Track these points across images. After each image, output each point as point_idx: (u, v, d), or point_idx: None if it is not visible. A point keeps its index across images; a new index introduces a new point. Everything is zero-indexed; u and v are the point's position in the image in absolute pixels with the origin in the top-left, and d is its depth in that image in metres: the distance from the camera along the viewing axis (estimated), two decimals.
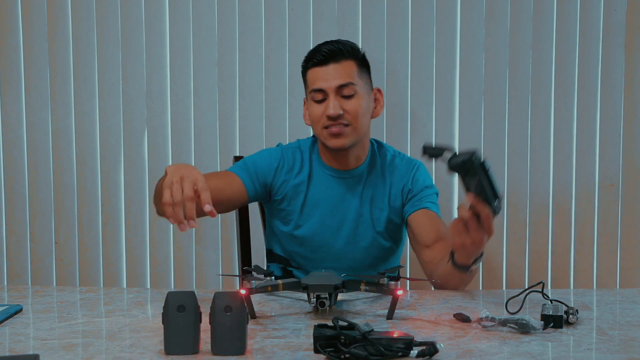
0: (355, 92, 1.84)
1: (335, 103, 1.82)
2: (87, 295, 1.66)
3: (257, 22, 2.53)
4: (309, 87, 1.88)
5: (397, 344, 1.15)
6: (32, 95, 2.60)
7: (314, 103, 1.86)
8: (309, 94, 1.88)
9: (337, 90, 1.83)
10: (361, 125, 1.86)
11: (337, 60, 1.84)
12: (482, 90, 2.53)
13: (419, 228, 1.87)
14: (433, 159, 1.56)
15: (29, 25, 2.57)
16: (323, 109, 1.84)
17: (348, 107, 1.83)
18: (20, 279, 2.64)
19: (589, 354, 1.20)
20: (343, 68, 1.84)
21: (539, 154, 2.55)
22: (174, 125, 2.58)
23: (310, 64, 1.86)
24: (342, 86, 1.83)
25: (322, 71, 1.84)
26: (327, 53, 1.84)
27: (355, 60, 1.87)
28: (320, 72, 1.84)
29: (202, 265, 2.59)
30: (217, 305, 1.18)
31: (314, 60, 1.85)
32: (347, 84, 1.83)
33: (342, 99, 1.83)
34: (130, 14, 2.55)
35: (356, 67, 1.86)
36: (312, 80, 1.86)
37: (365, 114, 1.87)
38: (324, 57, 1.84)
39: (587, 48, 2.51)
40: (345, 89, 1.83)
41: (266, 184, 1.93)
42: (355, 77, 1.85)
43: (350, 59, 1.85)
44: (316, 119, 1.86)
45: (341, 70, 1.84)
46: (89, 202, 2.61)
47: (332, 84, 1.83)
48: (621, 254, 2.57)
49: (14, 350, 1.22)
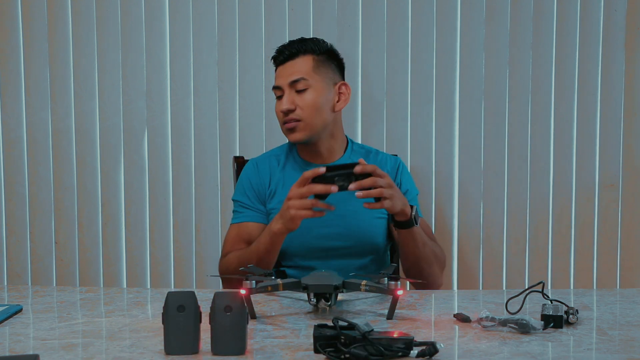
0: (308, 86, 1.91)
1: (288, 99, 1.91)
2: (87, 295, 1.66)
3: (257, 22, 2.53)
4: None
5: (397, 344, 1.15)
6: (32, 95, 2.60)
7: (276, 100, 1.96)
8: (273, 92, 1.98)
9: (291, 85, 1.91)
10: (315, 119, 1.92)
11: (293, 57, 1.93)
12: (482, 90, 2.53)
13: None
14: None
15: (29, 25, 2.57)
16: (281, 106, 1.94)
17: (300, 102, 1.91)
18: (20, 279, 2.65)
19: (589, 354, 1.20)
20: (297, 64, 1.93)
21: (539, 154, 2.55)
22: (174, 125, 2.58)
23: (275, 65, 1.98)
24: (294, 82, 1.91)
25: (280, 69, 1.96)
26: (285, 53, 1.94)
27: (313, 55, 1.94)
28: (279, 71, 1.96)
29: (202, 265, 2.59)
30: (217, 305, 1.18)
31: (275, 60, 1.98)
32: (298, 79, 1.91)
33: (296, 94, 1.91)
34: (130, 14, 2.55)
35: (312, 62, 1.93)
36: (275, 79, 1.96)
37: (321, 107, 1.92)
38: (283, 57, 1.95)
39: (587, 48, 2.51)
40: (298, 84, 1.91)
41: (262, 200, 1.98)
42: (310, 71, 1.92)
43: (307, 55, 1.94)
44: (277, 115, 1.96)
45: (295, 67, 1.92)
46: (89, 202, 2.61)
47: (285, 80, 1.93)
48: (621, 254, 2.57)
49: (14, 350, 1.22)
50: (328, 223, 1.89)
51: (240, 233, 1.96)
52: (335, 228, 1.92)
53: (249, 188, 1.99)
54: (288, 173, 1.99)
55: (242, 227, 1.96)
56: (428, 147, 2.54)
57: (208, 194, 2.58)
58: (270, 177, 1.99)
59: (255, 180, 1.99)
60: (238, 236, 1.96)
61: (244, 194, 1.99)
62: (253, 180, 1.99)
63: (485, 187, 2.55)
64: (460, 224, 2.56)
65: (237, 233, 1.96)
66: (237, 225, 1.97)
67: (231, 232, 1.98)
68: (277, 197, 1.96)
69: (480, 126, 2.54)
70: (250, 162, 2.06)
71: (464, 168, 2.55)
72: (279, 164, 2.01)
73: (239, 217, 1.98)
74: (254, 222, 1.96)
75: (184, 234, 2.60)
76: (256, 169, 2.01)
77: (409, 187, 2.00)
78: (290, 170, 1.99)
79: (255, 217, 1.96)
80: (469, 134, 2.54)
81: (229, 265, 1.87)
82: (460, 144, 2.55)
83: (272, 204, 1.96)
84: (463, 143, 2.54)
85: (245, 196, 1.99)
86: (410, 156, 2.53)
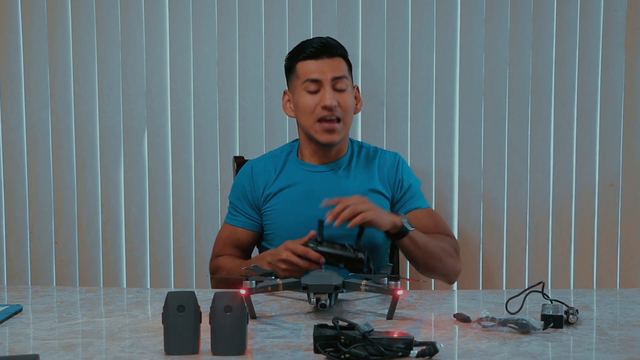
0: (347, 86, 1.90)
1: (332, 94, 1.86)
2: (87, 295, 1.66)
3: (257, 22, 2.53)
4: (300, 77, 1.91)
5: (397, 344, 1.15)
6: (32, 95, 2.60)
7: (307, 94, 1.89)
8: (301, 85, 1.90)
9: (332, 82, 1.87)
10: (349, 123, 1.93)
11: (330, 55, 1.89)
12: (482, 90, 2.53)
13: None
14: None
15: (29, 25, 2.57)
16: (317, 100, 1.87)
17: (341, 100, 1.88)
18: (20, 279, 2.64)
19: (589, 354, 1.20)
20: (335, 63, 1.89)
21: (539, 154, 2.54)
22: (174, 125, 2.58)
23: (302, 57, 1.90)
24: (336, 78, 1.88)
25: (316, 63, 1.88)
26: (320, 47, 1.89)
27: (344, 58, 1.93)
28: (314, 64, 1.88)
29: (202, 265, 2.59)
30: (217, 305, 1.18)
31: (307, 52, 1.89)
32: (341, 77, 1.88)
33: (335, 92, 1.88)
34: (130, 14, 2.55)
35: (346, 65, 1.93)
36: (305, 72, 1.89)
37: (352, 109, 1.93)
38: (317, 50, 1.89)
39: (587, 48, 2.51)
40: (339, 83, 1.88)
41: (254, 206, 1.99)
42: (346, 73, 1.91)
43: (340, 56, 1.92)
44: (309, 109, 1.89)
45: (334, 65, 1.89)
46: (89, 202, 2.61)
47: (327, 75, 1.87)
48: (621, 254, 2.57)
49: (14, 350, 1.22)
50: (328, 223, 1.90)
51: (230, 236, 2.00)
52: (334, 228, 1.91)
53: (242, 193, 2.00)
54: (285, 176, 1.98)
55: (233, 232, 2.00)
56: (428, 146, 2.54)
57: (208, 194, 2.58)
58: (265, 184, 1.98)
59: (248, 187, 1.99)
60: (228, 239, 2.00)
61: (237, 197, 2.01)
62: (247, 186, 2.00)
63: (485, 187, 2.55)
64: (460, 223, 2.56)
65: (227, 235, 2.00)
66: (229, 227, 2.01)
67: (224, 231, 2.02)
68: (273, 200, 1.96)
69: (480, 126, 2.54)
70: (247, 165, 2.05)
71: (464, 168, 2.55)
72: (275, 170, 1.99)
73: (232, 219, 2.01)
74: (243, 228, 1.99)
75: (184, 234, 2.60)
76: (250, 175, 2.00)
77: (411, 181, 2.00)
78: (288, 173, 1.98)
79: (246, 224, 1.99)
80: (469, 133, 2.54)
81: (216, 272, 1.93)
82: (460, 143, 2.54)
83: (266, 205, 1.97)
84: (463, 143, 2.54)
85: (238, 200, 2.00)
86: (410, 156, 2.53)
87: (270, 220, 1.96)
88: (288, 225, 1.92)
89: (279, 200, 1.95)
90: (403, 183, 1.98)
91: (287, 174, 1.98)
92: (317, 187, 1.94)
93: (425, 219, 1.94)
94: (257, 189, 1.97)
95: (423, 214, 1.96)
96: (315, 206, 1.86)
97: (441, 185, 2.55)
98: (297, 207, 1.93)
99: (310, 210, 1.86)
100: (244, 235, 1.99)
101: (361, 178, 1.96)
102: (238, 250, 1.99)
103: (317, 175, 1.95)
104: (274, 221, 1.95)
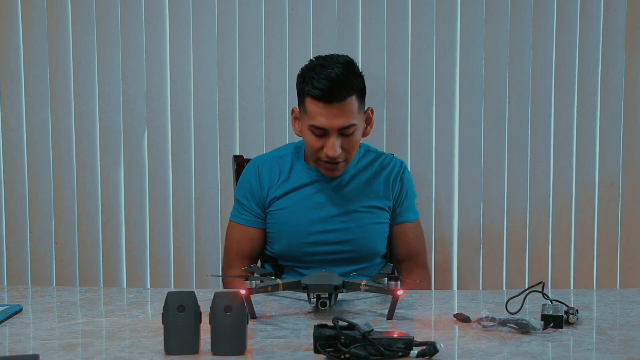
0: (355, 129, 1.82)
1: (336, 143, 1.80)
2: (87, 295, 1.66)
3: (257, 22, 2.53)
4: (307, 114, 1.82)
5: (397, 344, 1.15)
6: (32, 95, 2.59)
7: (313, 134, 1.83)
8: (308, 124, 1.82)
9: (339, 130, 1.80)
10: (355, 152, 1.88)
11: (341, 99, 1.78)
12: (482, 90, 2.53)
13: (395, 241, 2.00)
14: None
15: (29, 25, 2.57)
16: (321, 144, 1.82)
17: (346, 145, 1.83)
18: (20, 279, 2.64)
19: (589, 354, 1.20)
20: (346, 108, 1.79)
21: (539, 154, 2.54)
22: (174, 125, 2.58)
23: (312, 94, 1.79)
24: (344, 128, 1.80)
25: (325, 108, 1.78)
26: (332, 87, 1.77)
27: (357, 94, 1.81)
28: (323, 110, 1.78)
29: (202, 265, 2.59)
30: (217, 305, 1.18)
31: (318, 90, 1.78)
32: (348, 125, 1.80)
33: (341, 137, 1.81)
34: (130, 14, 2.55)
35: (357, 102, 1.81)
36: (313, 114, 1.80)
37: (359, 142, 1.89)
38: (328, 92, 1.77)
39: (587, 48, 2.51)
40: (346, 130, 1.81)
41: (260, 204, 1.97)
42: (356, 113, 1.81)
43: (352, 95, 1.80)
44: (313, 150, 1.85)
45: (343, 111, 1.78)
46: (89, 202, 2.61)
47: (334, 124, 1.79)
48: (621, 254, 2.57)
49: (14, 350, 1.22)
50: (328, 228, 1.91)
51: (241, 240, 1.97)
52: (335, 234, 1.92)
53: (249, 191, 1.98)
54: (292, 179, 1.96)
55: (244, 232, 1.97)
56: (428, 147, 2.54)
57: (208, 193, 2.58)
58: (270, 184, 1.96)
59: (255, 186, 1.97)
60: (239, 244, 1.97)
61: (244, 195, 1.99)
62: (254, 185, 1.97)
63: (485, 187, 2.55)
64: (460, 223, 2.56)
65: (239, 239, 1.98)
66: (238, 226, 1.98)
67: (234, 233, 1.99)
68: (278, 203, 1.94)
69: (480, 126, 2.54)
70: (252, 163, 2.02)
71: (464, 168, 2.55)
72: (281, 171, 1.97)
73: (239, 218, 1.99)
74: (253, 227, 1.97)
75: (184, 234, 2.60)
76: (257, 174, 1.98)
77: (410, 193, 2.01)
78: (295, 177, 1.96)
79: (254, 223, 1.97)
80: (469, 134, 2.54)
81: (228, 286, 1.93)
82: (460, 144, 2.54)
83: (271, 206, 1.96)
84: (463, 143, 2.54)
85: (245, 198, 1.98)
86: (410, 156, 2.53)
87: (273, 221, 1.95)
88: (290, 229, 1.93)
89: (283, 203, 1.95)
90: (402, 194, 1.98)
91: (293, 177, 1.96)
92: (321, 192, 1.93)
93: (410, 235, 1.99)
94: (263, 188, 1.96)
95: (410, 229, 1.99)
96: (318, 211, 1.91)
97: (441, 186, 2.55)
98: (300, 211, 1.93)
99: (313, 215, 1.91)
100: (254, 234, 1.96)
101: (365, 185, 1.96)
102: (248, 260, 1.97)
103: (322, 181, 1.94)
104: (277, 223, 1.95)
